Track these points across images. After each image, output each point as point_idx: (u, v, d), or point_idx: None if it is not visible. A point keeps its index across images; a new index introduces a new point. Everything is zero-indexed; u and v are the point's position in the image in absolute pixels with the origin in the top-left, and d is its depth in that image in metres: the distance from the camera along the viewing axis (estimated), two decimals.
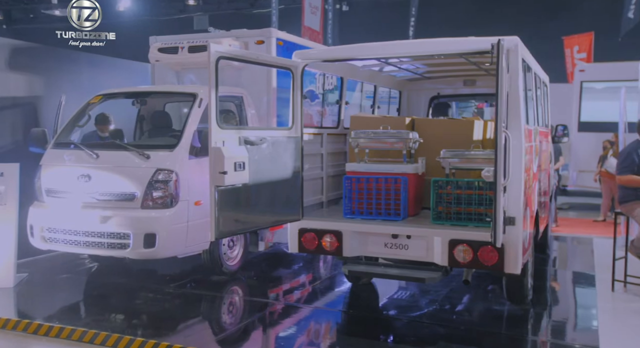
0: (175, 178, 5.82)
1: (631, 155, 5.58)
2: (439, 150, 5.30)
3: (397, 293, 6.15)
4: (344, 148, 6.43)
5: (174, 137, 6.25)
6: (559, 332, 5.12)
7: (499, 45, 3.87)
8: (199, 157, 6.06)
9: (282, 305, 5.82)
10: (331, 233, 5.02)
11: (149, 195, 5.80)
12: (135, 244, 5.75)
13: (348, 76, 6.37)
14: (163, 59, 7.29)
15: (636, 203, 5.66)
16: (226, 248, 6.50)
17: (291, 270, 7.38)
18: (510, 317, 5.42)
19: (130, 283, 6.44)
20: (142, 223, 5.75)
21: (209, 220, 6.05)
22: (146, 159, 5.89)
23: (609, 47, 13.53)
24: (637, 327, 5.02)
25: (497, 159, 3.89)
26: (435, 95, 7.52)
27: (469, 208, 4.82)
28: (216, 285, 6.30)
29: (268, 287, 6.54)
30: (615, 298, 5.78)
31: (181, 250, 5.98)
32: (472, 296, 5.99)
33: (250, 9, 21.72)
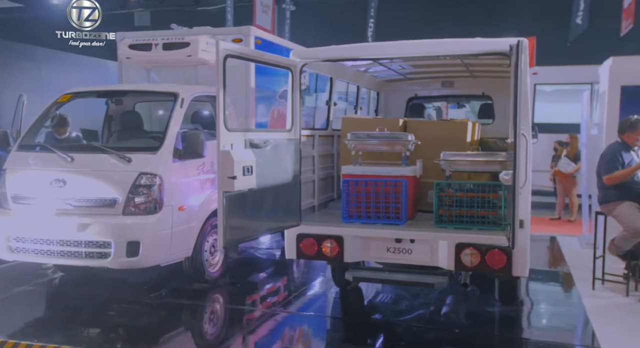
0: (160, 182, 5.52)
1: (615, 155, 5.75)
2: (432, 152, 5.28)
3: (386, 297, 6.08)
4: (332, 150, 6.31)
5: (155, 138, 5.95)
6: (555, 333, 5.20)
7: (518, 47, 3.86)
8: (182, 159, 5.79)
9: (270, 313, 5.62)
10: (332, 238, 4.89)
11: (131, 201, 5.48)
12: (117, 253, 5.41)
13: (337, 76, 6.26)
14: (134, 56, 6.95)
15: (617, 204, 5.83)
16: (208, 254, 6.24)
17: (273, 276, 7.18)
18: (504, 318, 5.46)
19: (104, 294, 6.07)
20: (124, 231, 5.43)
21: (193, 226, 5.90)
22: (127, 162, 5.56)
23: (557, 52, 14.05)
24: (630, 324, 5.17)
25: (517, 161, 3.88)
26: (413, 96, 7.52)
27: (471, 211, 4.81)
28: (198, 294, 6.03)
29: (253, 293, 6.34)
30: (598, 296, 5.93)
31: (165, 258, 5.69)
32: (462, 298, 5.99)
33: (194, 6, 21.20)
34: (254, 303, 5.96)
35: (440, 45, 4.71)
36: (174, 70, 7.12)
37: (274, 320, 5.44)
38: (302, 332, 5.35)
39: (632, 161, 5.81)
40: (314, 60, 5.13)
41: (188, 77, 7.03)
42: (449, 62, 6.00)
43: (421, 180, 5.38)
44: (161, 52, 6.80)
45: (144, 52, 6.86)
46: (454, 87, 7.26)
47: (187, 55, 6.69)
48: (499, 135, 6.86)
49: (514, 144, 3.91)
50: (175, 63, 6.92)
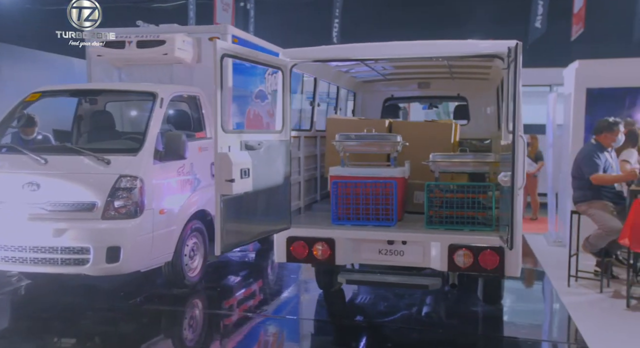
0: (141, 185, 5.33)
1: (591, 157, 5.91)
2: (417, 153, 5.30)
3: (369, 298, 6.07)
4: (315, 151, 6.25)
5: (134, 140, 5.75)
6: (540, 330, 5.32)
7: (516, 48, 3.91)
8: (163, 161, 5.61)
9: (254, 317, 5.52)
10: (323, 241, 4.83)
11: (111, 204, 5.26)
12: (96, 259, 5.20)
13: (320, 77, 6.20)
14: (107, 53, 6.70)
15: (592, 203, 6.02)
16: (187, 258, 6.08)
17: (252, 279, 7.08)
18: (489, 317, 5.54)
19: (77, 302, 5.83)
20: (104, 236, 5.21)
21: (173, 230, 5.74)
22: (106, 164, 5.35)
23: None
24: (608, 319, 5.33)
25: (515, 163, 3.92)
26: (389, 97, 7.55)
27: (460, 212, 4.85)
28: (179, 299, 5.87)
29: (235, 298, 6.22)
30: (574, 293, 6.09)
31: (146, 263, 5.50)
32: (445, 298, 6.05)
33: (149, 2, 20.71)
34: (236, 308, 5.84)
35: (435, 46, 4.73)
36: (147, 69, 6.90)
37: (259, 325, 5.35)
38: (287, 336, 5.28)
39: (606, 162, 5.99)
40: (304, 60, 5.05)
41: (162, 76, 6.83)
42: (431, 64, 6.04)
43: (408, 181, 5.39)
44: (135, 50, 6.58)
45: (116, 50, 6.62)
46: (430, 88, 7.33)
47: (162, 53, 6.50)
48: (475, 136, 6.99)
49: (511, 145, 3.95)
50: (149, 61, 6.71)
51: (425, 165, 5.21)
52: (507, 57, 4.06)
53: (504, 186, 4.09)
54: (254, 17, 15.41)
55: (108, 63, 6.96)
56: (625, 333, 5.01)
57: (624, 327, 5.15)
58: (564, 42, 14.51)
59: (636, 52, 11.29)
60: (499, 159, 4.99)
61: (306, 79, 7.31)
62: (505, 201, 4.15)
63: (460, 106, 7.43)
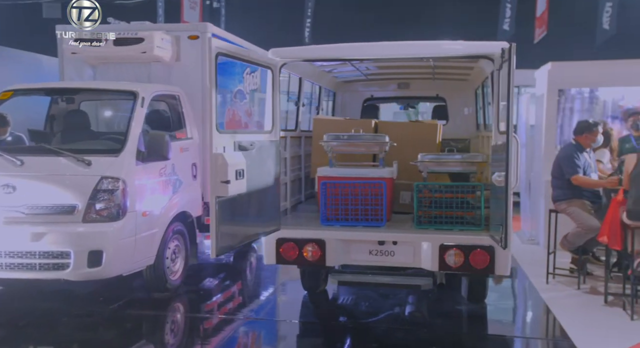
0: (123, 186, 5.18)
1: (572, 158, 6.04)
2: (403, 153, 5.32)
3: (354, 299, 6.05)
4: (299, 151, 6.20)
5: (113, 140, 5.59)
6: (527, 327, 5.41)
7: (510, 50, 3.96)
8: (145, 162, 5.47)
9: (240, 320, 5.45)
10: (313, 242, 4.79)
11: (92, 207, 5.10)
12: (77, 264, 5.03)
13: (305, 76, 6.16)
14: (82, 51, 6.49)
15: (572, 202, 6.15)
16: (169, 261, 5.95)
17: (235, 281, 6.99)
18: (476, 315, 5.59)
19: (55, 308, 5.62)
20: (85, 239, 5.05)
21: (156, 232, 5.60)
22: (87, 165, 5.18)
23: None
24: (589, 315, 5.45)
25: (509, 163, 3.97)
26: (369, 97, 7.57)
27: (449, 211, 4.88)
28: (160, 303, 5.74)
29: (219, 300, 6.13)
30: (553, 290, 6.21)
31: (129, 267, 5.36)
32: (428, 298, 6.07)
33: None
34: (220, 311, 5.74)
35: (428, 47, 4.75)
36: (124, 68, 6.71)
37: (244, 328, 5.29)
38: (274, 339, 5.23)
39: (585, 162, 6.13)
40: (294, 59, 5.00)
41: (139, 75, 6.65)
42: (412, 64, 6.08)
43: (395, 181, 5.40)
44: (112, 48, 6.39)
45: (91, 47, 6.41)
46: (409, 89, 7.38)
47: (141, 51, 6.33)
48: (454, 136, 7.06)
49: (505, 145, 3.99)
50: (127, 60, 6.53)
51: (411, 165, 5.24)
52: (501, 57, 4.10)
53: (498, 186, 4.13)
54: (224, 15, 15.22)
55: (82, 61, 6.75)
56: (605, 328, 5.13)
57: (604, 322, 5.27)
58: (528, 45, 14.85)
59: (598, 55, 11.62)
60: (486, 159, 5.05)
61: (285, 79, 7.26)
62: (498, 201, 4.19)
63: (439, 106, 7.50)
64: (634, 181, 5.38)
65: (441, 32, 14.36)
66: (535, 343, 5.16)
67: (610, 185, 5.94)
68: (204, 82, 6.58)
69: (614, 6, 12.87)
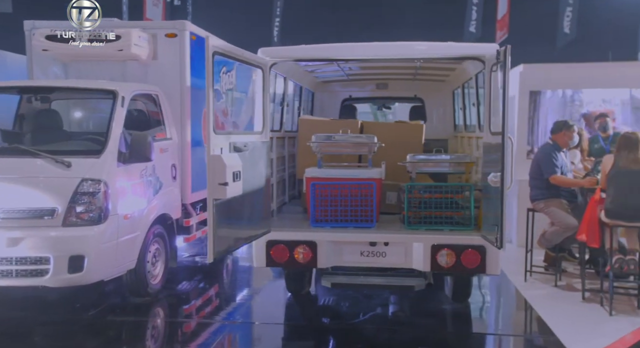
0: (105, 189, 5.00)
1: (550, 158, 6.17)
2: (389, 153, 5.33)
3: (338, 300, 6.02)
4: (284, 152, 6.13)
5: (93, 141, 5.40)
6: (511, 324, 5.49)
7: (505, 51, 4.00)
8: (126, 164, 5.31)
9: (222, 324, 5.35)
10: (304, 244, 4.74)
11: (73, 210, 4.91)
12: (56, 269, 4.83)
13: (289, 76, 6.09)
14: (53, 48, 6.24)
15: (550, 201, 6.28)
16: (150, 265, 5.78)
17: (216, 284, 6.88)
18: (462, 315, 5.64)
19: (31, 317, 5.38)
20: (66, 244, 4.85)
21: (137, 236, 5.44)
22: (67, 167, 4.98)
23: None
24: (569, 310, 5.58)
25: (504, 164, 4.01)
26: (347, 98, 7.56)
27: (438, 212, 4.91)
28: (140, 309, 5.58)
29: (201, 305, 5.99)
30: (531, 287, 6.34)
31: (110, 272, 5.19)
32: (414, 297, 6.09)
33: None
34: (204, 316, 5.63)
35: (422, 48, 4.76)
36: (97, 66, 6.49)
37: (229, 332, 5.19)
38: (259, 341, 5.15)
39: (562, 162, 6.28)
40: (284, 59, 4.94)
41: (114, 74, 6.44)
42: (394, 65, 6.09)
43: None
44: (87, 45, 6.17)
45: (65, 44, 6.18)
46: (387, 89, 7.40)
47: (118, 49, 6.13)
48: (431, 137, 7.12)
49: (499, 146, 4.04)
50: (102, 57, 6.32)
51: (396, 165, 5.25)
52: (496, 59, 4.14)
53: (493, 186, 4.17)
54: (191, 13, 14.96)
55: (52, 58, 6.50)
56: (587, 324, 5.27)
57: (585, 317, 5.42)
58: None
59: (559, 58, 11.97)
60: (474, 160, 5.11)
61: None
62: (493, 201, 4.23)
63: (417, 107, 7.56)
64: (612, 181, 5.54)
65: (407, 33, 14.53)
66: (522, 340, 5.23)
67: (588, 184, 6.10)
68: (183, 81, 6.45)
69: (574, 11, 13.28)
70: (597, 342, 4.79)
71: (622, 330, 5.04)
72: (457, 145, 6.77)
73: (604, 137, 7.48)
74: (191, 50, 6.47)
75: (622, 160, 5.52)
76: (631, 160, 5.49)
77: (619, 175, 5.50)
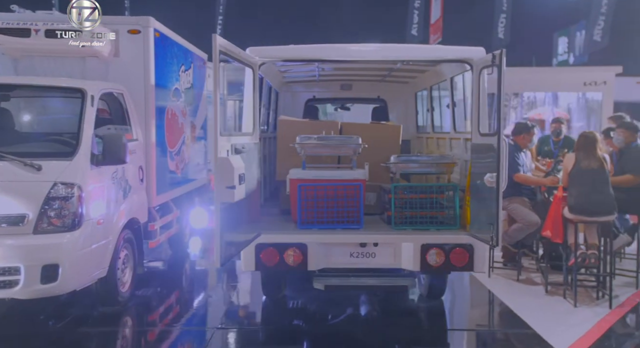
0: (79, 193, 4.72)
1: (513, 157, 6.41)
2: (367, 154, 5.36)
3: (312, 303, 5.98)
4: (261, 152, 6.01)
5: (61, 142, 5.08)
6: (488, 320, 5.66)
7: (501, 55, 4.13)
8: (98, 166, 5.03)
9: (197, 330, 5.20)
10: (294, 246, 4.68)
11: (45, 216, 4.59)
12: (28, 280, 4.50)
13: (266, 75, 5.97)
14: (6, 42, 5.81)
15: (512, 199, 6.54)
16: (119, 272, 5.51)
17: (187, 289, 6.68)
18: (439, 312, 5.77)
19: None
20: (38, 253, 4.53)
21: (109, 241, 5.18)
22: (37, 170, 4.65)
23: None
24: (537, 303, 5.84)
25: (500, 165, 4.14)
26: (311, 98, 7.53)
27: (423, 212, 4.99)
28: (113, 318, 5.31)
29: (175, 310, 5.79)
30: (497, 282, 6.57)
31: (84, 280, 4.89)
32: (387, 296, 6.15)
33: None
34: (180, 322, 5.43)
35: (413, 50, 4.81)
36: (53, 62, 6.10)
37: (207, 337, 5.02)
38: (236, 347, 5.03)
39: (523, 161, 6.57)
40: (273, 59, 4.85)
41: (71, 71, 6.08)
42: (359, 66, 6.11)
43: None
44: (43, 40, 5.79)
45: (19, 39, 5.76)
46: (351, 90, 7.44)
47: (80, 45, 5.80)
48: None
49: (490, 146, 4.16)
50: (60, 53, 5.95)
51: (374, 166, 5.29)
52: (492, 62, 4.26)
53: (489, 186, 4.28)
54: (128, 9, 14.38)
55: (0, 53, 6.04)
56: (556, 314, 5.54)
57: (552, 309, 5.69)
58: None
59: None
60: (455, 160, 5.24)
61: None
62: (488, 201, 4.34)
63: (379, 108, 7.64)
64: (574, 179, 5.85)
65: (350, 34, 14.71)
66: (503, 334, 5.39)
67: (550, 183, 6.40)
68: (147, 79, 6.21)
69: (507, 17, 13.93)
70: (572, 331, 5.04)
71: (589, 320, 5.34)
72: (422, 145, 6.91)
73: (556, 142, 7.89)
74: (154, 47, 6.23)
75: (582, 160, 5.83)
76: (591, 159, 5.80)
77: (580, 173, 5.81)
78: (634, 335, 5.04)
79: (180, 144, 7.33)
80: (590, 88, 8.89)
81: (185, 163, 7.53)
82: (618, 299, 5.88)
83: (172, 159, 6.98)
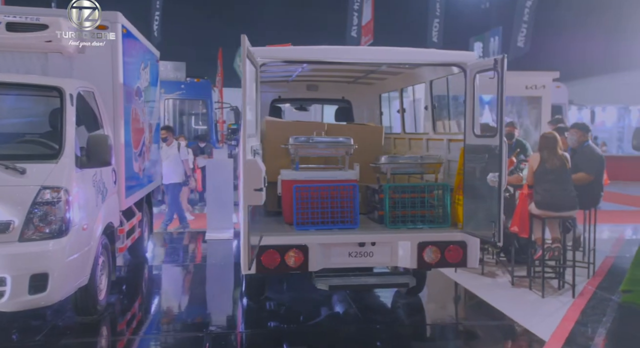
0: (66, 197, 4.44)
1: None
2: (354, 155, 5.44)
3: (293, 304, 5.97)
4: None
5: (40, 144, 4.75)
6: (469, 313, 5.90)
7: (503, 60, 4.32)
8: (83, 168, 4.76)
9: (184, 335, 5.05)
10: (295, 248, 4.66)
11: (31, 223, 4.28)
12: (15, 291, 4.19)
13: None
14: None
15: None
16: (97, 279, 5.23)
17: (166, 293, 6.44)
18: (419, 308, 5.93)
19: None
20: (25, 262, 4.23)
21: (92, 247, 4.93)
22: (20, 173, 4.33)
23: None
24: (506, 295, 6.17)
25: (502, 165, 4.33)
26: (277, 98, 7.49)
27: (414, 211, 5.13)
28: (93, 328, 5.04)
29: (159, 317, 5.58)
30: (464, 277, 6.83)
31: (70, 289, 4.62)
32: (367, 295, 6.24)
33: None
34: (165, 329, 5.24)
35: (410, 53, 4.89)
36: (9, 58, 5.65)
37: (191, 342, 4.90)
38: None
39: None
40: (273, 60, 4.79)
41: (31, 67, 5.67)
42: (327, 67, 6.16)
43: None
44: (5, 34, 5.37)
45: None
46: (317, 91, 7.47)
47: (45, 40, 5.43)
48: None
49: (497, 147, 4.36)
50: (21, 48, 5.54)
51: (361, 166, 5.38)
52: (494, 67, 4.44)
53: (491, 186, 4.47)
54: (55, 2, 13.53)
55: None
56: (528, 305, 5.88)
57: (523, 300, 6.04)
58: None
59: None
60: (441, 160, 5.42)
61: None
62: (489, 200, 4.53)
63: (344, 108, 7.73)
64: (539, 178, 6.22)
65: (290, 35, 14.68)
66: (487, 326, 5.55)
67: (515, 181, 6.76)
68: (116, 77, 5.94)
69: (440, 21, 14.49)
70: (549, 320, 5.37)
71: (560, 309, 5.71)
72: (390, 146, 7.05)
73: (509, 145, 8.29)
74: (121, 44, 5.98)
75: (547, 159, 6.20)
76: (554, 158, 6.19)
77: (545, 172, 6.19)
78: (601, 321, 5.43)
79: (141, 145, 7.07)
80: (532, 91, 9.47)
81: (145, 164, 7.26)
82: (577, 288, 6.31)
83: (136, 160, 6.71)
